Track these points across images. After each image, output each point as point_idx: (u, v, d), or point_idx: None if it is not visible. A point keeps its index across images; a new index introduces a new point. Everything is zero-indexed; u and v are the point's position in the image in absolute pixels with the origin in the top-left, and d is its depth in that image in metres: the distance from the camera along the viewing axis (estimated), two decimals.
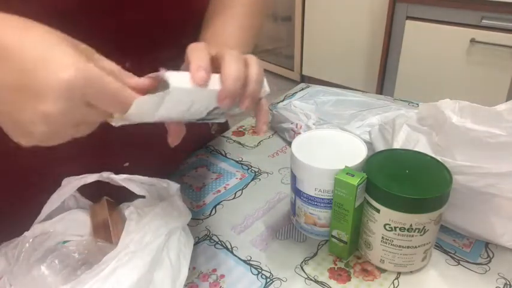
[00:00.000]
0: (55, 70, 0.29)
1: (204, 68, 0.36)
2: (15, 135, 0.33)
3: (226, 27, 0.52)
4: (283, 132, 0.77)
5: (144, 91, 0.35)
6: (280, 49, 3.29)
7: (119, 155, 0.55)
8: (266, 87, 0.42)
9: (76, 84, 0.30)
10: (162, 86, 0.34)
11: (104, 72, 0.32)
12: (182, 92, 0.35)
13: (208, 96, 0.37)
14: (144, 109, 0.34)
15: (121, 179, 0.46)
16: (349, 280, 0.48)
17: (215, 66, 0.38)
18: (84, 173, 0.47)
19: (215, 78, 0.37)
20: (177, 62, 0.40)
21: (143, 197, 0.49)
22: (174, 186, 0.49)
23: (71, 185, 0.46)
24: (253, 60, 0.40)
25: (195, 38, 0.50)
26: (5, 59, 0.30)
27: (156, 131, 0.56)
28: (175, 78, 0.34)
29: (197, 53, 0.37)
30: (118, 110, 0.33)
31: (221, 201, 0.62)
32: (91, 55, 0.34)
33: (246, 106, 0.39)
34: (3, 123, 0.33)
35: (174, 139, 0.42)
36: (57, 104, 0.30)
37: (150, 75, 0.36)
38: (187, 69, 0.36)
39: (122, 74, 0.35)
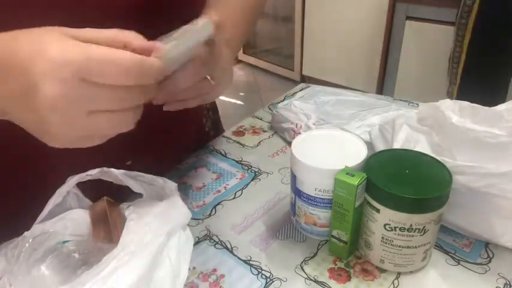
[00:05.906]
0: (44, 55, 0.29)
1: None
2: (40, 136, 0.33)
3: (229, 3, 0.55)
4: (283, 132, 0.77)
5: (149, 53, 0.34)
6: (280, 49, 3.29)
7: (121, 154, 0.55)
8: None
9: (67, 60, 0.29)
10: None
11: (97, 45, 0.31)
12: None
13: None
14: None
15: (119, 173, 0.46)
16: (349, 280, 0.48)
17: None
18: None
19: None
20: None
21: (141, 195, 0.49)
22: (171, 185, 0.49)
23: (73, 180, 0.47)
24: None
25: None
26: (5, 72, 0.30)
27: (156, 130, 0.56)
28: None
29: None
30: (127, 79, 0.32)
31: (221, 201, 0.62)
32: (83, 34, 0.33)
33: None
34: (30, 129, 0.33)
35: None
36: (54, 85, 0.29)
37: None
38: None
39: (120, 37, 0.34)
